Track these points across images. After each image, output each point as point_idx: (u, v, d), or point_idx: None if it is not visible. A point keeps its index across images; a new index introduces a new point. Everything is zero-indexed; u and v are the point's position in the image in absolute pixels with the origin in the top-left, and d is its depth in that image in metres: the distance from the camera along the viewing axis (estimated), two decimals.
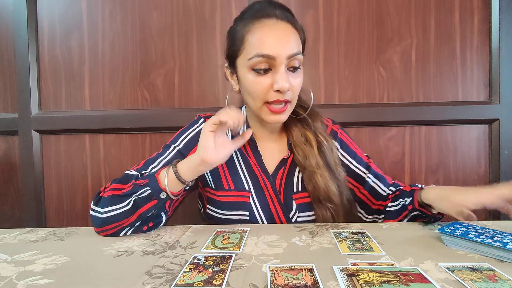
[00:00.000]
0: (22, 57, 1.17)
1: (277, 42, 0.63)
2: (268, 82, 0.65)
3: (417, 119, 1.13)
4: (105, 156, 1.19)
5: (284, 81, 0.63)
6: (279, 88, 0.63)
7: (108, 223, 0.61)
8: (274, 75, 0.65)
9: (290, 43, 0.65)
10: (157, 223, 0.66)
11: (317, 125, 0.76)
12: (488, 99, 1.14)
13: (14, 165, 1.24)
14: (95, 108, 1.19)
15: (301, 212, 0.72)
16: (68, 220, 1.21)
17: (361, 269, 0.43)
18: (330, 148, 0.75)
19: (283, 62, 0.64)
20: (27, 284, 0.42)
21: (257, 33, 0.65)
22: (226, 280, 0.41)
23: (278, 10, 0.67)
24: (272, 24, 0.65)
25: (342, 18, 1.15)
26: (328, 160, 0.73)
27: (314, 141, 0.74)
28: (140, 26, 1.17)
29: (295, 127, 0.76)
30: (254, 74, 0.65)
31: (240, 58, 0.68)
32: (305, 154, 0.73)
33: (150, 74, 1.17)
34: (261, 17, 0.66)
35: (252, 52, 0.64)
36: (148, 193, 0.61)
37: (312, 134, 0.75)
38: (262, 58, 0.63)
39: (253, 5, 0.70)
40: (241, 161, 0.75)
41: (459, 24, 1.13)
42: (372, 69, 1.15)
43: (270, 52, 0.63)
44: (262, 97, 0.66)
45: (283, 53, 0.63)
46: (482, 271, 0.43)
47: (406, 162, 1.16)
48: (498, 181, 1.13)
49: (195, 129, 0.77)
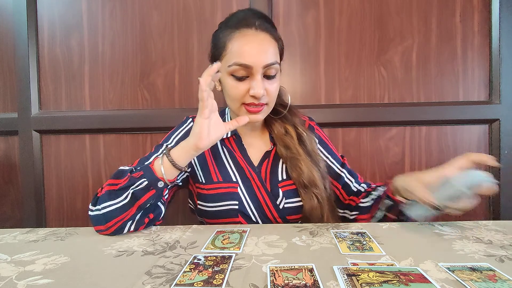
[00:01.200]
0: (22, 57, 1.17)
1: (254, 52, 0.68)
2: (245, 87, 0.70)
3: (418, 119, 1.13)
4: (105, 156, 1.19)
5: (259, 88, 0.69)
6: (254, 94, 0.69)
7: (109, 219, 0.61)
8: (251, 82, 0.70)
9: (267, 53, 0.70)
10: (157, 214, 0.68)
11: (296, 120, 0.83)
12: (488, 99, 1.14)
13: (14, 165, 1.24)
14: (95, 108, 1.19)
15: (288, 198, 0.76)
16: (68, 220, 1.21)
17: (361, 269, 0.43)
18: (309, 139, 0.80)
19: (259, 71, 0.69)
20: (27, 284, 0.42)
21: (237, 42, 0.70)
22: (226, 280, 0.41)
23: (258, 21, 0.72)
24: (251, 34, 0.70)
25: (343, 18, 1.15)
26: (309, 149, 0.79)
27: (294, 133, 0.80)
28: (140, 26, 1.17)
29: (276, 122, 0.82)
30: (233, 79, 0.71)
31: (222, 62, 0.72)
32: (286, 144, 0.78)
33: (150, 74, 1.17)
34: (241, 27, 0.71)
35: (231, 60, 0.69)
36: (145, 184, 0.62)
37: (291, 127, 0.81)
38: (240, 67, 0.69)
39: (237, 13, 0.76)
40: (228, 156, 0.80)
41: (459, 24, 1.13)
42: (373, 69, 1.15)
43: (248, 62, 0.68)
44: (239, 99, 0.72)
45: (259, 63, 0.68)
46: (482, 271, 0.43)
47: (406, 162, 1.16)
48: (498, 181, 1.13)
49: (185, 128, 0.82)
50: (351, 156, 1.15)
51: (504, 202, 1.13)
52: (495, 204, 1.14)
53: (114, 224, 0.62)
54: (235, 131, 0.81)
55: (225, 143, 0.81)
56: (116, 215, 0.61)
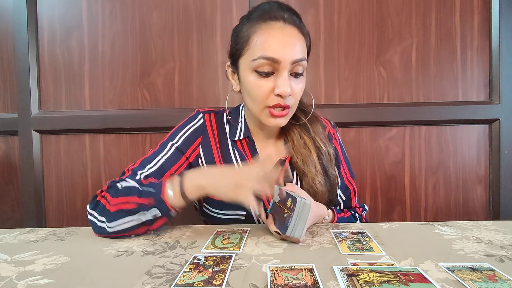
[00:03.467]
0: (22, 57, 1.17)
1: (282, 46, 0.63)
2: (270, 85, 0.64)
3: (417, 119, 1.13)
4: (105, 156, 1.19)
5: (286, 86, 0.63)
6: (280, 92, 0.63)
7: (114, 233, 0.60)
8: (276, 79, 0.64)
9: (296, 48, 0.64)
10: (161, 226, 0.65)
11: (316, 129, 0.76)
12: (488, 99, 1.14)
13: (14, 165, 1.24)
14: (95, 108, 1.19)
15: None
16: (68, 220, 1.21)
17: (361, 269, 0.43)
18: (328, 153, 0.74)
19: (287, 67, 0.63)
20: (27, 284, 0.42)
21: (263, 35, 0.64)
22: (226, 280, 0.41)
23: (286, 14, 0.66)
24: (279, 27, 0.64)
25: (342, 18, 1.15)
26: (325, 165, 0.74)
27: (313, 146, 0.74)
28: (140, 26, 1.17)
29: (295, 131, 0.75)
30: (256, 76, 0.65)
31: (243, 58, 0.67)
32: (304, 159, 0.72)
33: (150, 74, 1.17)
34: (268, 19, 0.65)
35: (256, 54, 0.64)
36: (157, 214, 0.58)
37: (310, 139, 0.74)
38: (267, 61, 0.63)
39: (261, 5, 0.69)
40: (239, 160, 0.75)
41: (459, 24, 1.13)
42: (373, 69, 1.15)
43: (275, 56, 0.62)
44: (263, 100, 0.66)
45: (288, 58, 0.63)
46: (482, 271, 0.43)
47: (406, 162, 1.16)
48: (498, 181, 1.13)
49: (194, 125, 0.76)
50: (351, 156, 1.15)
51: (504, 202, 1.13)
52: (495, 204, 1.14)
53: (117, 234, 0.60)
54: (248, 133, 0.75)
55: (237, 145, 0.75)
56: (123, 231, 0.59)
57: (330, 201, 0.75)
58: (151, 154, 0.72)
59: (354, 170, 0.87)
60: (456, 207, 1.16)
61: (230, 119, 0.78)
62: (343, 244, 0.55)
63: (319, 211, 0.68)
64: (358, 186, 1.15)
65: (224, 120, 0.79)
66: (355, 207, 0.83)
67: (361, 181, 1.17)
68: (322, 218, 0.69)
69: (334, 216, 0.73)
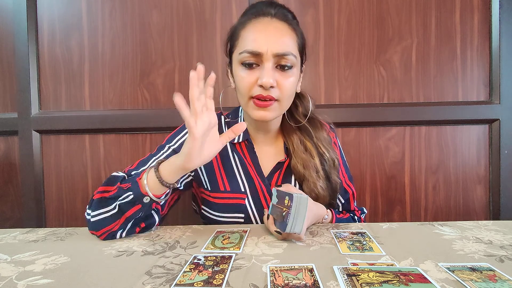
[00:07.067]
0: (22, 57, 1.17)
1: (265, 39, 0.64)
2: (254, 77, 0.65)
3: (417, 119, 1.13)
4: (105, 156, 1.19)
5: (268, 77, 0.63)
6: (262, 83, 0.63)
7: (99, 227, 0.60)
8: (260, 71, 0.65)
9: (280, 41, 0.65)
10: (149, 224, 0.65)
11: (320, 135, 0.76)
12: (488, 99, 1.14)
13: (14, 165, 1.24)
14: (95, 108, 1.19)
15: None
16: (68, 220, 1.21)
17: (361, 269, 0.43)
18: (331, 159, 0.74)
19: (269, 59, 0.64)
20: (27, 284, 0.42)
21: (250, 29, 0.66)
22: (226, 280, 0.41)
23: (276, 10, 0.68)
24: (266, 22, 0.67)
25: (342, 17, 1.15)
26: (327, 171, 0.73)
27: (315, 152, 0.74)
28: (140, 26, 1.17)
29: (295, 134, 0.76)
30: (242, 68, 0.67)
31: (234, 53, 0.69)
32: (304, 163, 0.72)
33: (150, 74, 1.17)
34: (257, 15, 0.68)
35: (242, 48, 0.66)
36: (131, 198, 0.58)
37: (312, 144, 0.75)
38: (249, 54, 0.65)
39: (256, 4, 0.72)
40: (238, 163, 0.75)
41: (459, 24, 1.13)
42: (373, 69, 1.15)
43: (257, 48, 0.64)
44: (248, 91, 0.66)
45: (270, 50, 0.64)
46: (482, 271, 0.43)
47: (406, 162, 1.16)
48: (498, 181, 1.13)
49: None
50: (351, 156, 1.15)
51: (504, 202, 1.13)
52: (495, 204, 1.14)
53: (104, 232, 0.60)
54: (247, 136, 0.75)
55: (236, 148, 0.76)
56: (105, 224, 0.60)
57: (330, 205, 0.75)
58: (147, 156, 0.73)
59: (354, 170, 0.87)
60: (456, 207, 1.16)
61: (229, 121, 0.78)
62: (343, 244, 0.55)
63: (318, 210, 0.68)
64: (358, 186, 1.15)
65: (223, 123, 0.79)
66: (354, 210, 0.83)
67: (361, 181, 1.16)
68: (321, 218, 0.70)
69: (333, 217, 0.73)
